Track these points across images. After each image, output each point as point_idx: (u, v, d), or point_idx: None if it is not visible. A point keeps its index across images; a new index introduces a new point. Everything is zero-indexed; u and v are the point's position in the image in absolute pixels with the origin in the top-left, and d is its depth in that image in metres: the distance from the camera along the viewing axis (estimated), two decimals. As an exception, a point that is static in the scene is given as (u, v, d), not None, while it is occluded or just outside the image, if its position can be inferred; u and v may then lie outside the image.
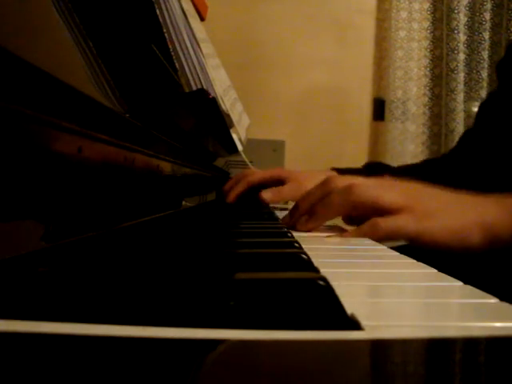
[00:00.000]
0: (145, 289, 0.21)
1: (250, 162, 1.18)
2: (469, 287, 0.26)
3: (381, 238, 0.48)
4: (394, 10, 1.98)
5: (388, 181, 0.57)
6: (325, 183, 0.55)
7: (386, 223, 0.49)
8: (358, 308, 0.20)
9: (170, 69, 0.56)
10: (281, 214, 0.76)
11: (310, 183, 0.60)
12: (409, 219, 0.49)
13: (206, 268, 0.28)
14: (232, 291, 0.21)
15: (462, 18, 1.97)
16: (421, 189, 0.53)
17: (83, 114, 0.31)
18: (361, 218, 0.53)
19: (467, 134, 0.92)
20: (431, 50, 2.04)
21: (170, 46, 0.52)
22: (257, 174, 0.92)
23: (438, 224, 0.49)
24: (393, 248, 0.44)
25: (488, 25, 2.00)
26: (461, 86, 1.96)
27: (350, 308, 0.20)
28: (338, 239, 0.50)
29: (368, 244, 0.47)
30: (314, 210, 0.54)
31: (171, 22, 0.52)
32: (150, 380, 0.13)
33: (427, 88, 2.04)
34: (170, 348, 0.16)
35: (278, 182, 0.88)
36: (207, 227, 0.55)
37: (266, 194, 0.82)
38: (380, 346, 0.17)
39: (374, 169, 0.92)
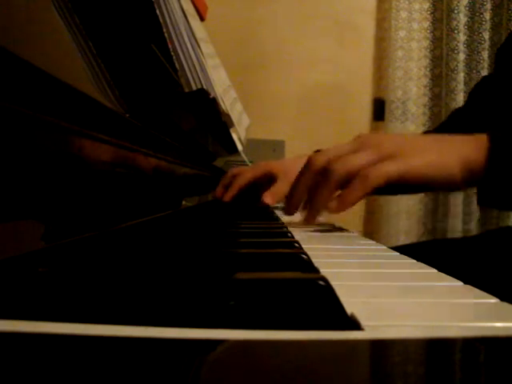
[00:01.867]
0: (145, 289, 0.21)
1: (250, 161, 1.18)
2: (469, 287, 0.26)
3: (373, 186, 0.52)
4: (394, 10, 1.98)
5: (365, 138, 0.57)
6: (307, 166, 0.57)
7: (374, 172, 0.51)
8: (357, 308, 0.20)
9: (170, 69, 0.56)
10: (281, 214, 0.76)
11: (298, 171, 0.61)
12: (395, 161, 0.52)
13: (205, 268, 0.28)
14: (232, 291, 0.21)
15: (461, 18, 1.97)
16: (402, 135, 0.57)
17: (83, 114, 0.31)
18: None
19: (457, 112, 0.92)
20: (431, 50, 2.03)
21: (170, 46, 0.52)
22: (246, 173, 0.91)
23: (423, 160, 0.53)
24: (393, 248, 0.44)
25: (488, 25, 2.00)
26: (461, 86, 1.96)
27: (349, 308, 0.20)
28: (333, 205, 0.53)
29: (368, 244, 0.47)
30: (309, 201, 0.56)
31: (171, 21, 0.52)
32: (150, 380, 0.13)
33: (427, 88, 2.03)
34: (171, 348, 0.16)
35: (267, 177, 0.89)
36: (207, 227, 0.55)
37: (267, 199, 0.85)
38: (380, 346, 0.17)
39: None
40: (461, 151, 0.53)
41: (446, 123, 0.91)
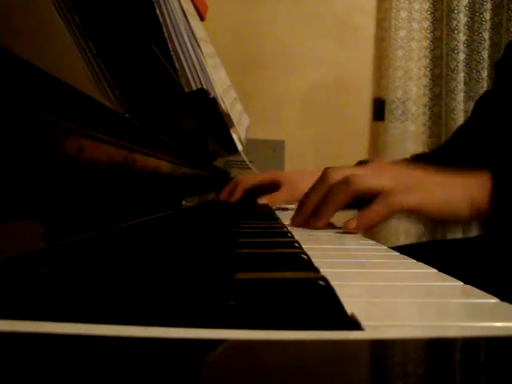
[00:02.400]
0: (145, 289, 0.21)
1: (250, 161, 1.17)
2: (469, 287, 0.26)
3: (394, 212, 0.54)
4: (394, 10, 1.98)
5: (379, 165, 0.62)
6: (323, 178, 0.58)
7: (395, 199, 0.54)
8: (358, 308, 0.20)
9: (170, 69, 0.56)
10: (280, 214, 0.76)
11: (303, 184, 0.64)
12: (413, 194, 0.55)
13: (206, 268, 0.28)
14: (232, 291, 0.21)
15: (461, 18, 1.96)
16: (412, 169, 0.61)
17: (83, 114, 0.31)
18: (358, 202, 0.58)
19: (461, 129, 0.93)
20: (431, 50, 2.03)
21: (170, 46, 0.52)
22: (251, 178, 0.95)
23: (434, 196, 0.56)
24: (393, 248, 0.44)
25: (488, 25, 2.00)
26: (461, 86, 1.96)
27: (350, 308, 0.20)
28: (353, 223, 0.54)
29: (368, 244, 0.47)
30: (319, 207, 0.57)
31: (171, 21, 0.52)
32: (151, 380, 0.13)
33: (427, 88, 2.03)
34: (171, 348, 0.16)
35: (273, 184, 0.93)
36: (207, 227, 0.55)
37: (262, 200, 0.90)
38: (380, 346, 0.17)
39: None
40: (469, 190, 0.57)
41: (452, 140, 0.92)
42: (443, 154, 0.90)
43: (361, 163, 0.98)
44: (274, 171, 1.02)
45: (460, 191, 0.57)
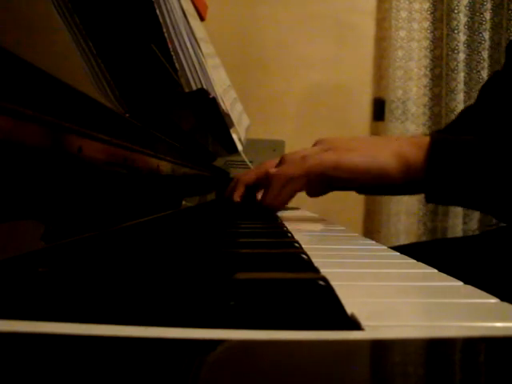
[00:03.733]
0: (145, 289, 0.21)
1: (250, 161, 1.17)
2: (469, 287, 0.26)
3: (307, 170, 0.59)
4: (394, 10, 1.98)
5: (333, 139, 0.65)
6: (280, 161, 0.64)
7: (311, 157, 0.59)
8: (358, 308, 0.20)
9: (170, 69, 0.56)
10: (280, 214, 0.76)
11: None
12: (332, 153, 0.59)
13: (206, 268, 0.28)
14: (232, 291, 0.21)
15: (461, 18, 1.96)
16: (350, 136, 0.65)
17: (83, 114, 0.31)
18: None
19: (467, 110, 0.91)
20: (431, 50, 2.03)
21: (170, 46, 0.52)
22: (250, 173, 0.94)
23: (357, 154, 0.58)
24: (393, 248, 0.44)
25: (488, 25, 2.00)
26: (461, 86, 1.96)
27: (350, 308, 0.20)
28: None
29: (368, 244, 0.47)
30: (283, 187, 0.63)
31: (171, 21, 0.52)
32: (150, 380, 0.13)
33: (427, 88, 2.03)
34: (171, 348, 0.16)
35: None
36: (207, 227, 0.55)
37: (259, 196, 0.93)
38: (380, 346, 0.17)
39: None
40: (395, 148, 0.58)
41: (457, 121, 0.90)
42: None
43: None
44: (270, 162, 1.00)
45: (390, 148, 0.58)
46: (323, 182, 0.62)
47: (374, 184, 0.59)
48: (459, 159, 0.54)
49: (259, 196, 0.89)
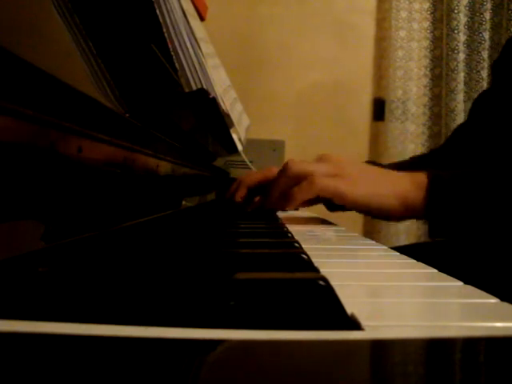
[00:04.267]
0: (145, 289, 0.21)
1: (250, 161, 1.17)
2: (469, 287, 0.26)
3: (315, 194, 0.60)
4: (394, 10, 1.98)
5: (336, 160, 0.66)
6: (284, 171, 0.64)
7: (321, 180, 0.60)
8: (358, 308, 0.20)
9: (170, 69, 0.56)
10: (281, 214, 0.76)
11: None
12: (341, 182, 0.61)
13: (206, 268, 0.28)
14: (232, 291, 0.21)
15: (461, 18, 1.96)
16: (355, 162, 0.67)
17: (83, 114, 0.31)
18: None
19: (460, 128, 0.93)
20: (431, 50, 2.03)
21: (170, 46, 0.52)
22: (253, 176, 0.94)
23: (362, 188, 0.61)
24: (393, 248, 0.44)
25: (488, 25, 2.00)
26: (461, 86, 1.96)
27: (350, 308, 0.20)
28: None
29: (368, 244, 0.47)
30: (287, 196, 0.64)
31: (171, 21, 0.52)
32: (150, 380, 0.13)
33: (427, 88, 2.03)
34: (171, 348, 0.16)
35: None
36: (207, 227, 0.55)
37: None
38: (380, 346, 0.17)
39: None
40: (396, 186, 0.61)
41: (451, 140, 0.93)
42: (440, 155, 0.91)
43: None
44: (274, 168, 1.01)
45: (391, 186, 0.61)
46: (324, 200, 0.67)
47: (372, 216, 0.65)
48: (456, 196, 0.58)
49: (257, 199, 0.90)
